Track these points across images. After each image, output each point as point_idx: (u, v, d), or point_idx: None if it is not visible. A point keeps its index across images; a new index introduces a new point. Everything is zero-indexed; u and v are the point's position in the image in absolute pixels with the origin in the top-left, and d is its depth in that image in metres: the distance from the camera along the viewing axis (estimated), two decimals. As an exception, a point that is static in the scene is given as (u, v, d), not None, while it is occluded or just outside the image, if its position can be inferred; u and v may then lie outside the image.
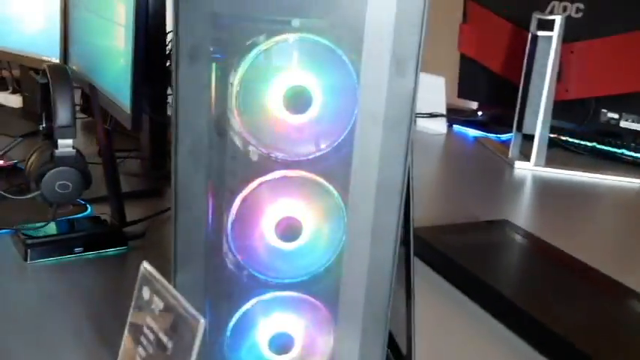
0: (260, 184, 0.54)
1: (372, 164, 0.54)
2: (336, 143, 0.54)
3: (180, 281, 0.54)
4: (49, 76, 0.86)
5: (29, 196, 0.87)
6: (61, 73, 0.87)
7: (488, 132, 1.81)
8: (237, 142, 0.53)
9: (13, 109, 1.65)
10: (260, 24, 0.51)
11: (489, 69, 1.75)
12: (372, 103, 0.52)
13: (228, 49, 0.51)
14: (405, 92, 0.52)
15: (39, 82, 0.91)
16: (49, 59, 1.41)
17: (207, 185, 0.52)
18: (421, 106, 1.81)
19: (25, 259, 0.88)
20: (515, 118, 1.55)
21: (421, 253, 0.99)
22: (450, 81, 1.83)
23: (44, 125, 0.94)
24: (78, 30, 1.31)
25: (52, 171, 0.86)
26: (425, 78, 1.86)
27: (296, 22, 0.51)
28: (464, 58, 1.81)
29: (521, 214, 1.30)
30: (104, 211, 0.99)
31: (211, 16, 0.49)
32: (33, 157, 0.89)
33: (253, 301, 0.57)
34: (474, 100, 1.92)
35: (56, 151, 0.86)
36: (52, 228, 0.92)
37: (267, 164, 0.54)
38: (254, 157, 0.53)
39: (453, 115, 1.86)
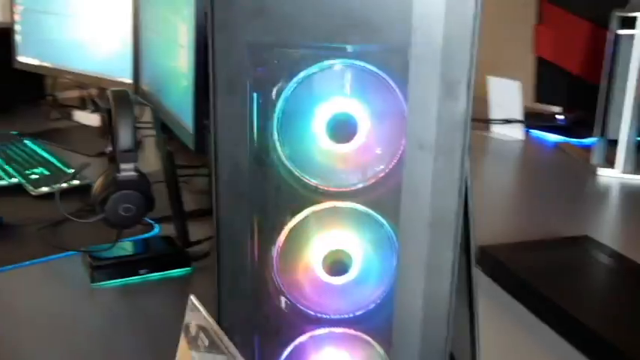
0: (306, 216, 0.52)
1: (424, 194, 0.50)
2: (385, 172, 0.51)
3: (225, 318, 0.52)
4: (111, 101, 0.87)
5: (93, 219, 0.89)
6: (123, 98, 0.88)
7: (569, 137, 1.71)
8: (282, 172, 0.51)
9: (93, 127, 1.71)
10: (302, 50, 0.49)
11: (568, 71, 1.66)
12: (420, 130, 0.49)
13: (269, 77, 0.49)
14: (457, 116, 0.48)
15: (103, 107, 0.92)
16: (123, 80, 1.45)
17: (250, 218, 0.50)
18: (496, 112, 1.74)
19: (92, 282, 0.90)
20: (598, 122, 1.45)
21: (493, 274, 0.94)
22: (527, 85, 1.74)
23: (110, 149, 0.95)
24: (146, 52, 1.34)
25: (115, 195, 0.87)
26: (499, 82, 1.79)
27: (347, 48, 0.48)
28: (540, 61, 1.72)
29: (606, 229, 1.20)
30: (173, 230, 1.00)
31: (249, 46, 0.47)
32: (98, 181, 0.91)
33: (303, 337, 0.55)
34: (553, 104, 1.82)
35: (118, 175, 0.87)
36: (118, 249, 0.94)
37: (312, 195, 0.51)
38: (299, 188, 0.51)
39: (531, 120, 1.77)
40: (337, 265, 0.53)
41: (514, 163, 1.65)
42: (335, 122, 0.50)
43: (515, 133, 1.73)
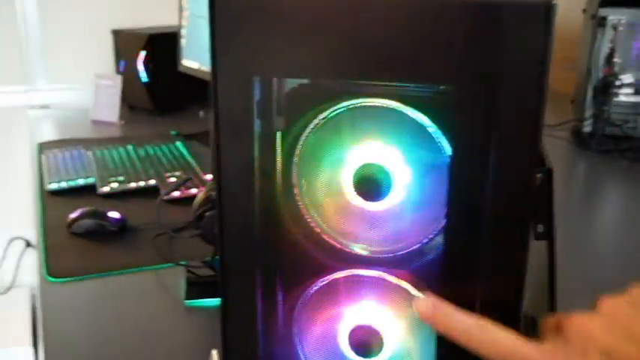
0: (327, 283, 0.43)
1: (470, 272, 0.39)
2: (423, 242, 0.40)
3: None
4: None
5: (189, 235, 0.87)
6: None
7: None
8: (299, 229, 0.43)
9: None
10: (327, 86, 0.40)
11: None
12: (468, 192, 0.37)
13: (287, 117, 0.41)
14: (518, 176, 0.36)
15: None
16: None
17: (260, 281, 0.43)
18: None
19: (186, 297, 0.88)
20: None
21: None
22: None
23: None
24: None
25: (210, 213, 0.85)
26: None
27: (384, 86, 0.39)
28: None
29: None
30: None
31: (259, 80, 0.40)
32: (199, 196, 0.89)
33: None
34: None
35: (213, 193, 0.84)
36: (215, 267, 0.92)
37: (336, 259, 0.43)
38: (320, 250, 0.43)
39: None
40: (365, 344, 0.43)
41: None
42: (364, 174, 0.40)
43: None
